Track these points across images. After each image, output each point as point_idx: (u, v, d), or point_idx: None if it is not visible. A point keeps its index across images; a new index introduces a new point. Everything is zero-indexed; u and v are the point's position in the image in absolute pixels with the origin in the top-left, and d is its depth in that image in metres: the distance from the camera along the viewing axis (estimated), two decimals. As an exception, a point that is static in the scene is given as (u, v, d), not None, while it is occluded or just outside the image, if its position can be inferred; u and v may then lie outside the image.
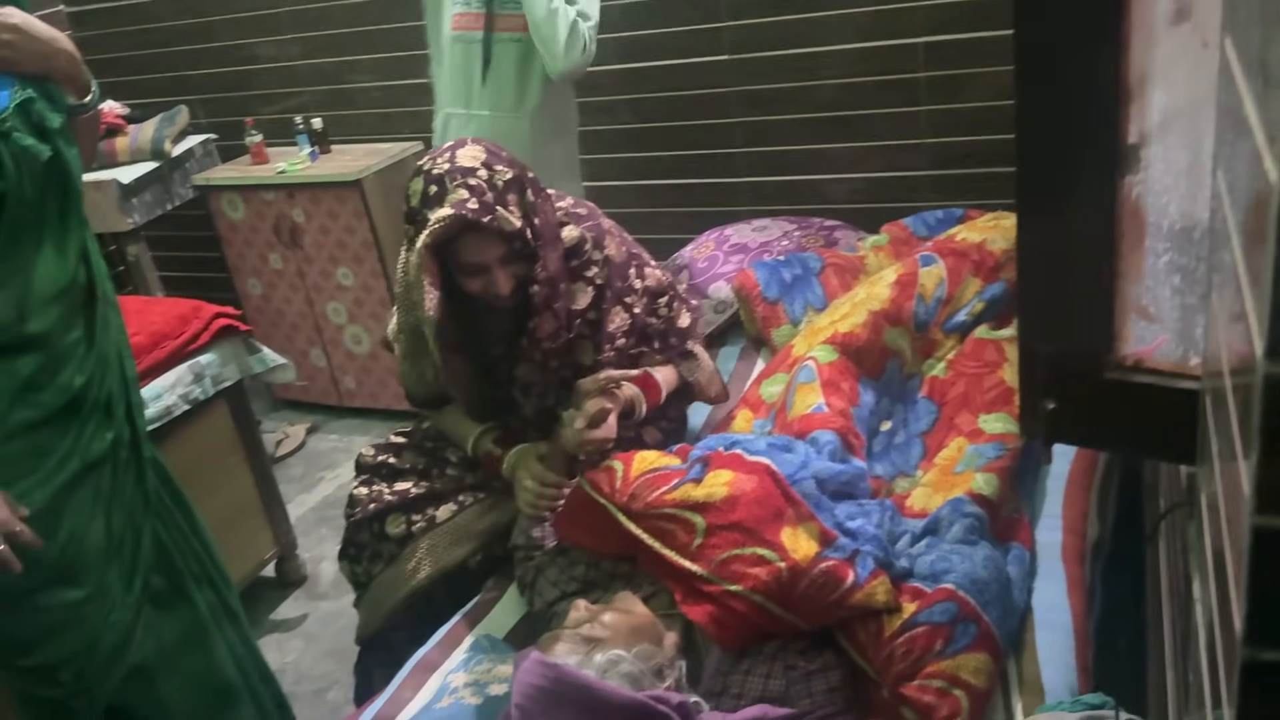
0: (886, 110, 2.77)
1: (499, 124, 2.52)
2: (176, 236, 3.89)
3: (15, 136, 1.34)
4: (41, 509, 1.44)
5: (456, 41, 2.53)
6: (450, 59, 2.56)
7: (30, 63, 1.36)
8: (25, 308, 1.42)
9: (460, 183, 1.57)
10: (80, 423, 1.49)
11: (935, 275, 2.15)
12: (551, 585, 1.66)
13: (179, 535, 1.69)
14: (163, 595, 1.65)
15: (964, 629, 1.38)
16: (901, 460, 1.90)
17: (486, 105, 2.55)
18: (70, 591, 1.49)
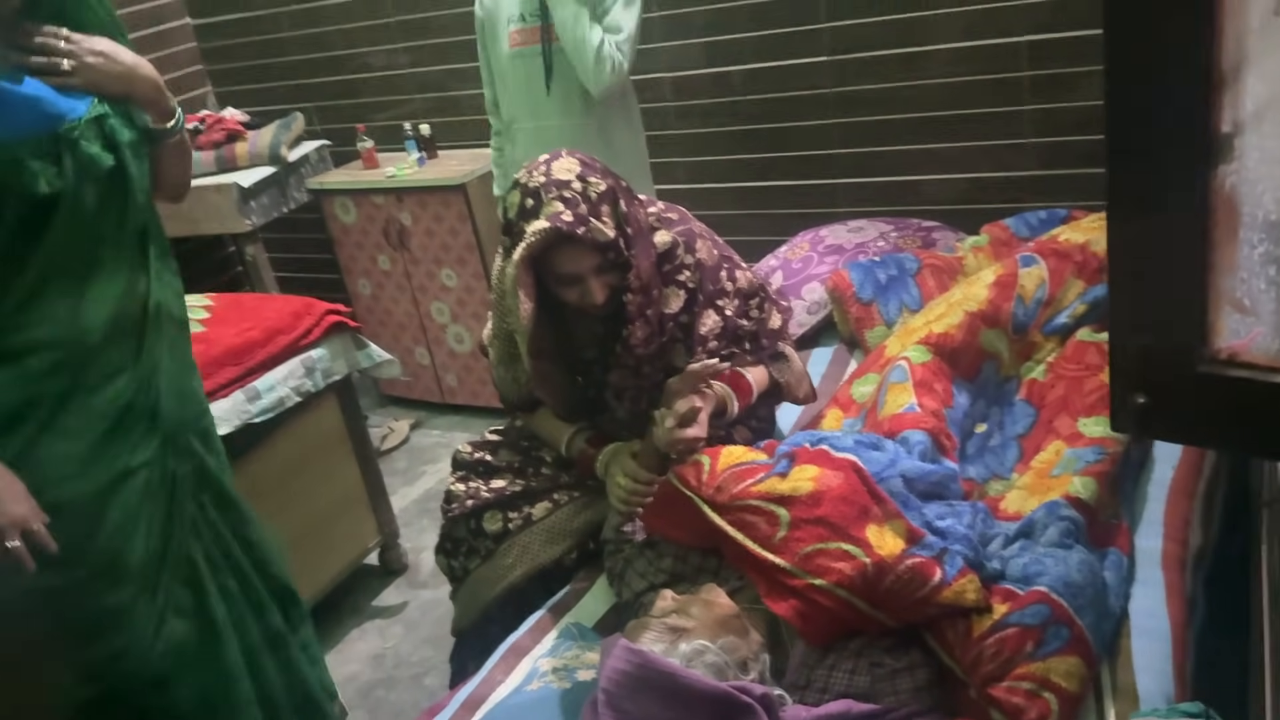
0: (988, 110, 2.73)
1: (567, 131, 2.56)
2: (292, 238, 4.07)
3: (82, 144, 1.43)
4: (85, 508, 1.50)
5: (517, 58, 2.59)
6: (513, 76, 2.62)
7: (112, 85, 1.48)
8: (78, 314, 1.48)
9: (555, 195, 1.61)
10: (126, 429, 1.54)
11: (1036, 276, 2.11)
12: (640, 576, 1.69)
13: (218, 551, 1.70)
14: (187, 612, 1.65)
15: (1056, 632, 1.35)
16: (996, 463, 1.87)
17: (554, 115, 2.60)
18: (112, 591, 1.53)
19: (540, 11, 2.51)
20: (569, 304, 1.72)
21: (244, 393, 2.39)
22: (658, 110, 3.19)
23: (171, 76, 3.96)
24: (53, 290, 1.46)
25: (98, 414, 1.50)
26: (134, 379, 1.55)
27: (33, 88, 1.41)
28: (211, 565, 1.67)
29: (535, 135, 2.62)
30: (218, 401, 2.33)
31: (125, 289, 1.54)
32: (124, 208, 1.52)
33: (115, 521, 1.53)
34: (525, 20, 2.55)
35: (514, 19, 2.57)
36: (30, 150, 1.39)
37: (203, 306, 2.65)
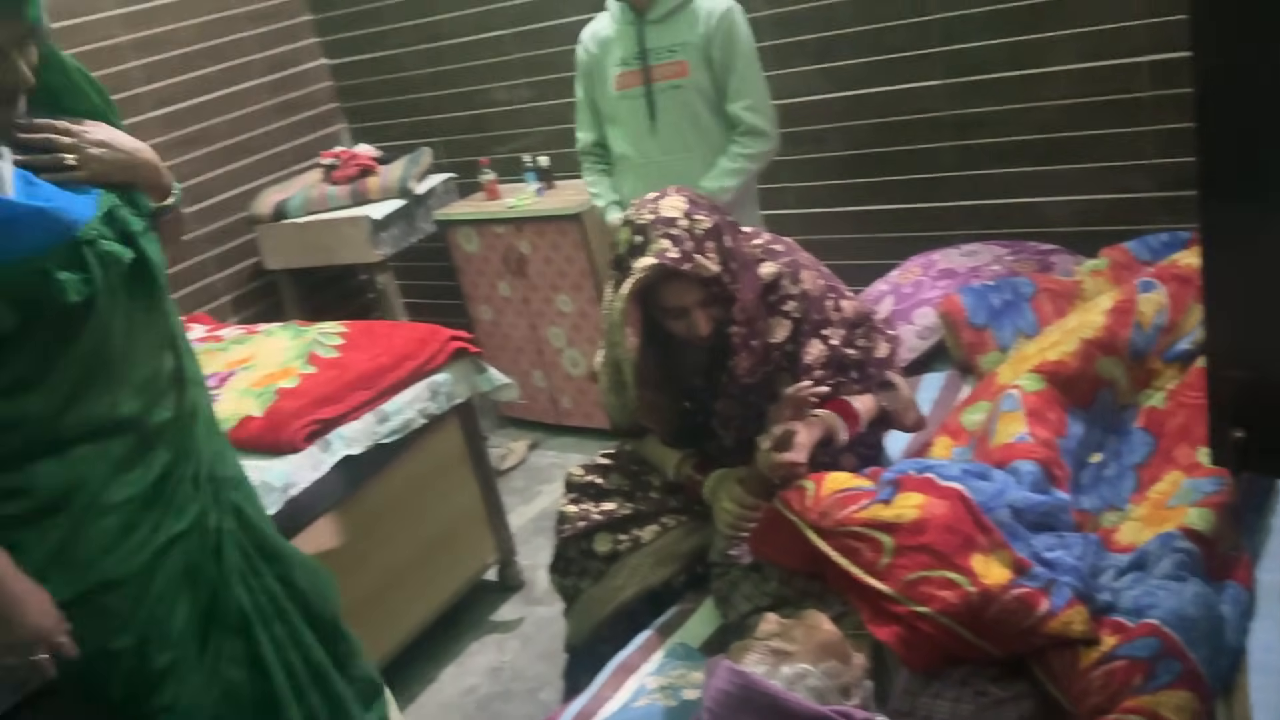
0: (1108, 130, 2.68)
1: (671, 166, 2.63)
2: (418, 266, 4.25)
3: (101, 243, 1.43)
4: (133, 577, 1.51)
5: (624, 99, 2.69)
6: (621, 116, 2.72)
7: (117, 174, 1.47)
8: (118, 395, 1.48)
9: (663, 232, 1.68)
10: (167, 497, 1.55)
11: (1155, 302, 2.06)
12: (745, 599, 1.73)
13: (265, 598, 1.71)
14: (240, 658, 1.67)
15: (1166, 665, 1.33)
16: (1111, 493, 1.84)
17: (658, 151, 2.68)
18: (158, 654, 1.55)
19: (640, 55, 2.62)
20: (675, 334, 1.78)
21: (374, 415, 2.53)
22: (769, 137, 3.23)
23: (308, 115, 4.21)
24: (93, 383, 1.46)
25: (140, 488, 1.52)
26: (171, 448, 1.56)
27: (42, 195, 1.38)
28: (260, 613, 1.70)
29: (644, 170, 2.71)
30: (350, 423, 2.48)
31: (159, 367, 1.56)
32: (150, 293, 1.53)
33: (160, 589, 1.55)
34: (628, 64, 2.66)
35: (617, 63, 2.67)
36: (55, 261, 1.37)
37: (337, 334, 2.81)
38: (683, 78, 2.61)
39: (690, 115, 2.65)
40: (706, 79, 2.62)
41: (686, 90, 2.62)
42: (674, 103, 2.63)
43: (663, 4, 2.59)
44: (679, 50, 2.60)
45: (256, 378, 2.63)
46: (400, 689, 2.72)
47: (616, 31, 2.68)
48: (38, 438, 1.43)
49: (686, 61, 2.60)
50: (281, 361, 2.69)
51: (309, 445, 2.39)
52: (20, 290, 1.35)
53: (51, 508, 1.45)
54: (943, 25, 2.83)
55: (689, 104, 2.63)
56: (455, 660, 2.79)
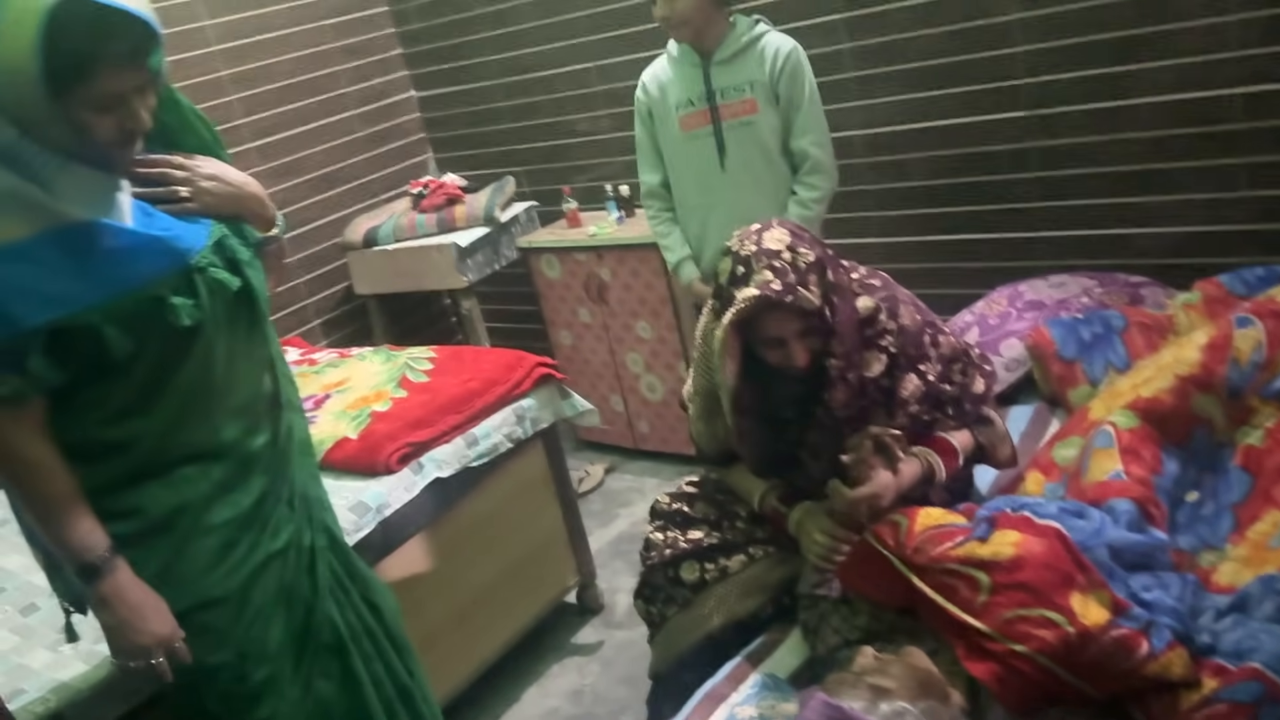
0: (1200, 163, 2.65)
1: (740, 205, 2.65)
2: (501, 291, 4.35)
3: (211, 271, 1.49)
4: (232, 596, 1.57)
5: (690, 140, 2.71)
6: (686, 157, 2.74)
7: (227, 206, 1.54)
8: (219, 420, 1.55)
9: (766, 264, 1.70)
10: (264, 517, 1.61)
11: (1252, 338, 2.03)
12: (834, 632, 1.73)
13: (354, 615, 1.76)
14: (333, 674, 1.72)
15: (1271, 711, 1.31)
16: (1209, 533, 1.81)
17: (728, 189, 2.71)
18: (255, 669, 1.60)
19: (707, 95, 2.65)
20: (771, 364, 1.81)
21: (464, 439, 2.59)
22: (851, 166, 3.24)
23: (398, 145, 4.35)
24: (196, 408, 1.52)
25: (240, 510, 1.57)
26: (269, 471, 1.62)
27: (157, 224, 1.44)
28: (351, 630, 1.75)
29: (712, 211, 2.74)
30: (441, 446, 2.55)
31: (258, 391, 1.62)
32: (252, 320, 1.59)
33: (258, 606, 1.60)
34: (694, 104, 2.68)
35: (682, 104, 2.70)
36: (169, 288, 1.44)
37: (427, 358, 2.89)
38: (752, 115, 2.64)
39: (761, 151, 2.68)
40: (774, 116, 2.65)
41: (757, 127, 2.65)
42: (744, 140, 2.67)
43: (729, 45, 2.64)
44: (746, 89, 2.63)
45: (351, 400, 2.72)
46: (483, 708, 2.77)
47: (679, 73, 2.71)
48: (145, 461, 1.50)
49: (755, 99, 2.63)
50: (374, 385, 2.78)
51: (402, 467, 2.45)
52: (137, 316, 1.42)
53: (158, 528, 1.52)
54: (1026, 57, 2.83)
55: (759, 140, 2.67)
56: (537, 681, 2.83)
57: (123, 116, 1.36)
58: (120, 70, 1.33)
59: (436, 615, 2.53)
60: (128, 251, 1.40)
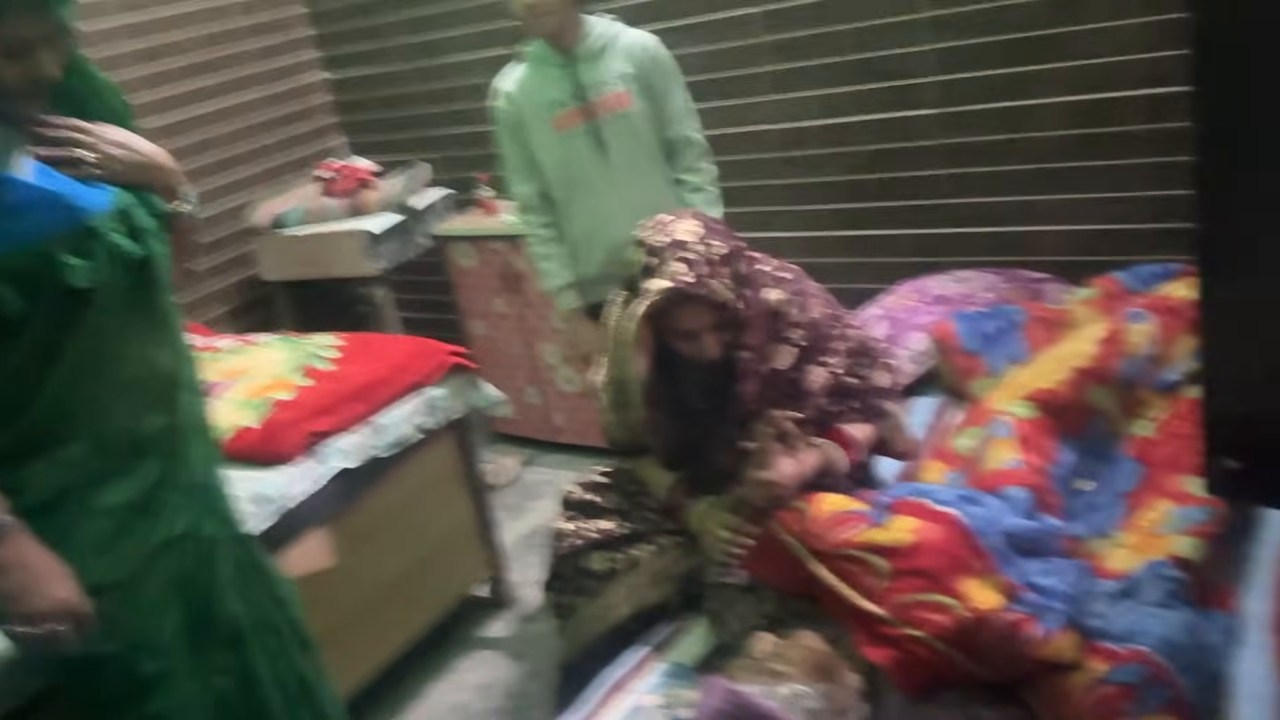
0: (1101, 162, 2.72)
1: (630, 197, 2.59)
2: (415, 281, 4.27)
3: (110, 236, 1.46)
4: (123, 582, 1.51)
5: (566, 141, 2.62)
6: (566, 157, 2.64)
7: (133, 174, 1.50)
8: (111, 396, 1.50)
9: (678, 256, 1.70)
10: (159, 503, 1.55)
11: (1144, 332, 2.10)
12: (739, 619, 1.74)
13: (256, 609, 1.71)
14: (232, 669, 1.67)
15: (1155, 692, 1.35)
16: (1100, 520, 1.86)
17: (616, 184, 2.63)
18: (147, 662, 1.55)
19: (576, 93, 2.58)
20: (682, 356, 1.80)
21: (370, 428, 2.53)
22: (765, 161, 3.27)
23: (307, 128, 4.24)
24: (85, 380, 1.47)
25: (131, 493, 1.52)
26: (164, 453, 1.57)
27: (57, 183, 1.41)
28: (253, 624, 1.70)
29: (596, 210, 2.66)
30: (346, 436, 2.48)
31: (154, 371, 1.57)
32: (152, 294, 1.54)
33: (151, 596, 1.55)
34: (565, 104, 2.59)
35: (553, 106, 2.60)
36: (62, 246, 1.40)
37: (334, 346, 2.82)
38: (627, 107, 2.58)
39: (641, 143, 2.62)
40: (648, 107, 2.60)
41: (633, 119, 2.59)
42: (623, 132, 2.60)
43: (591, 42, 2.57)
44: (618, 83, 2.57)
45: (252, 389, 2.63)
46: (389, 704, 2.71)
47: (544, 76, 2.61)
48: (32, 436, 1.45)
49: (628, 91, 2.58)
50: (277, 373, 2.70)
51: (305, 458, 2.39)
52: (26, 274, 1.37)
53: (43, 508, 1.45)
54: (938, 55, 2.88)
55: (637, 132, 2.61)
56: (445, 676, 2.78)
57: (28, 65, 1.33)
58: (27, 15, 1.30)
59: (340, 609, 2.47)
60: (23, 205, 1.36)
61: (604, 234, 2.65)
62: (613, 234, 2.59)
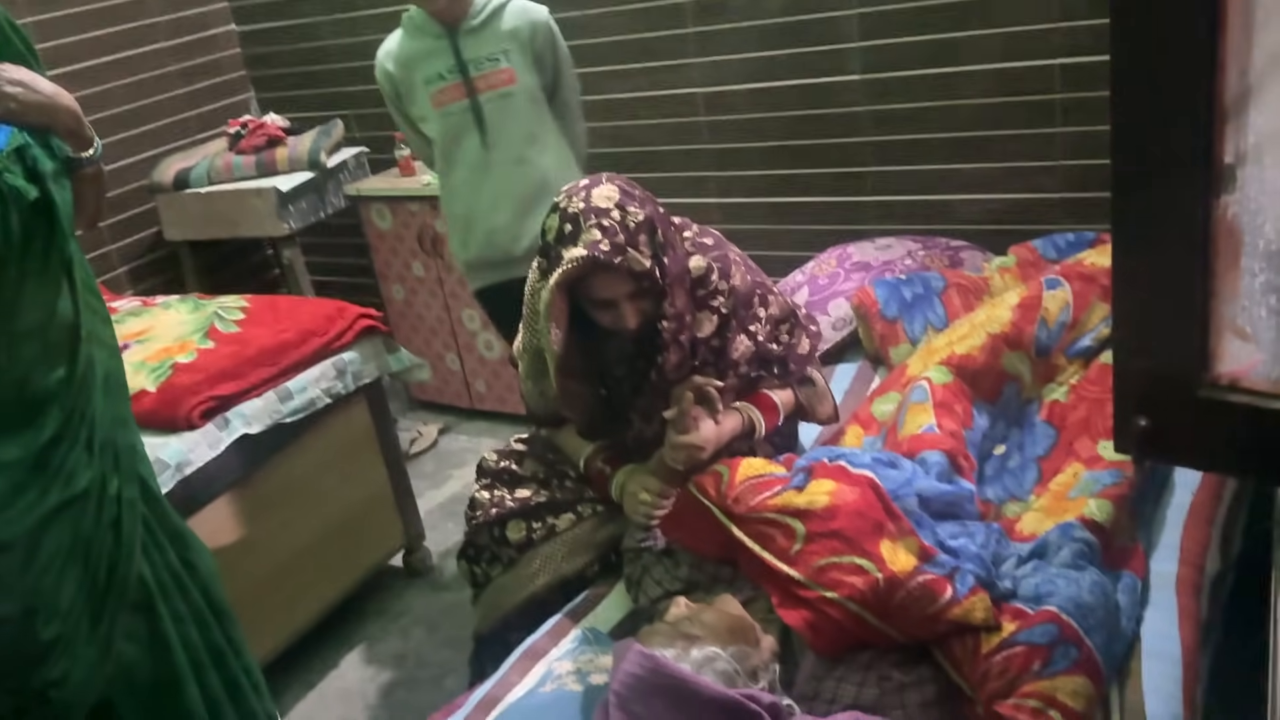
0: (1020, 131, 2.74)
1: (513, 174, 2.50)
2: (329, 243, 4.14)
3: (6, 177, 1.40)
4: (19, 541, 1.45)
5: (443, 118, 2.49)
6: (445, 134, 2.51)
7: (33, 115, 1.44)
8: (4, 346, 1.44)
9: (594, 223, 1.64)
10: (58, 460, 1.49)
11: (1060, 299, 2.11)
12: (656, 584, 1.72)
13: (167, 575, 1.67)
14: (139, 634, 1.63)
15: (1064, 651, 1.36)
16: (1014, 484, 1.88)
17: (496, 163, 2.50)
18: (44, 626, 1.49)
19: (458, 67, 2.44)
20: (601, 325, 1.76)
21: (276, 393, 2.45)
22: (690, 125, 3.23)
23: (215, 82, 4.06)
24: None
25: (28, 449, 1.47)
26: (65, 410, 1.50)
27: None
28: (162, 589, 1.65)
29: (474, 192, 2.54)
30: (250, 401, 2.40)
31: (53, 320, 1.50)
32: (49, 239, 1.48)
33: (48, 557, 1.49)
34: (444, 78, 2.46)
35: (431, 79, 2.47)
36: None
37: (239, 308, 2.71)
38: (511, 86, 2.45)
39: (523, 124, 2.49)
40: (535, 82, 2.48)
41: (516, 99, 2.46)
42: (504, 113, 2.47)
43: (476, 14, 2.43)
44: (501, 58, 2.44)
45: (152, 351, 2.52)
46: (301, 676, 2.65)
47: (423, 47, 2.47)
48: None
49: (512, 68, 2.45)
50: (179, 335, 2.59)
51: (205, 423, 2.31)
52: None
53: None
54: (862, 20, 2.86)
55: (520, 112, 2.48)
56: (358, 647, 2.72)
57: None
58: None
59: (249, 579, 2.39)
60: None
61: (482, 219, 2.55)
62: (490, 220, 2.52)
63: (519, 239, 2.53)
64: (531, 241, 2.43)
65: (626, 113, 3.33)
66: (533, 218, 2.41)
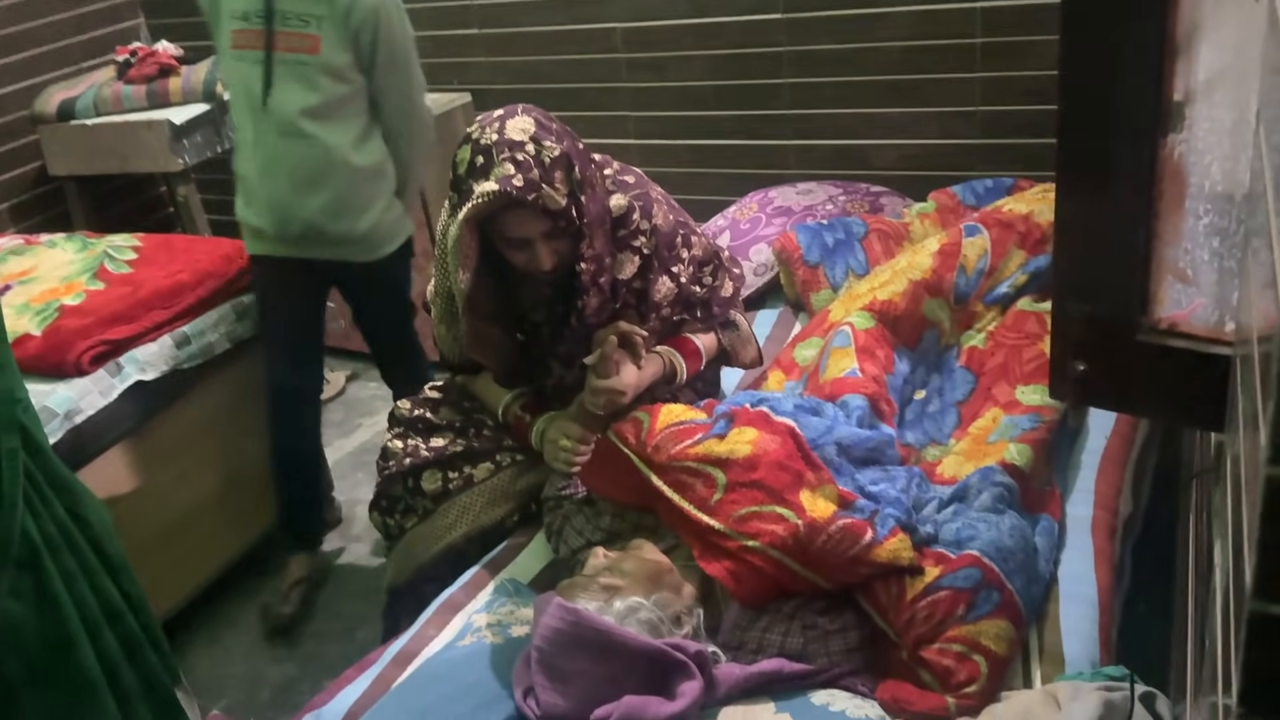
0: (941, 76, 2.72)
1: (280, 148, 2.27)
2: (227, 179, 3.93)
3: None
4: None
5: (238, 60, 2.26)
6: (234, 79, 2.30)
7: None
8: None
9: (508, 156, 1.55)
10: None
11: (979, 246, 2.12)
12: (577, 534, 1.68)
13: (54, 529, 1.61)
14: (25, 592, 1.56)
15: (986, 595, 1.37)
16: (934, 429, 1.89)
17: (271, 130, 2.26)
18: None
19: (265, 14, 2.20)
20: (516, 266, 1.68)
21: (172, 337, 2.33)
22: (608, 61, 3.13)
23: (101, 6, 3.81)
24: None
25: None
26: None
27: None
28: (49, 544, 1.57)
29: (256, 149, 2.30)
30: (144, 346, 2.27)
31: None
32: None
33: None
34: (249, 20, 2.22)
35: (236, 15, 2.24)
36: None
37: (130, 247, 2.56)
38: (312, 56, 2.21)
39: (313, 96, 2.23)
40: (346, 61, 2.23)
41: (312, 72, 2.21)
42: (294, 80, 2.22)
43: None
44: (311, 23, 2.19)
45: (36, 293, 2.37)
46: (204, 632, 2.55)
47: None
48: None
49: (320, 37, 2.20)
50: (65, 276, 2.44)
51: (96, 369, 2.19)
52: None
53: None
54: (786, -42, 2.80)
55: (313, 84, 2.22)
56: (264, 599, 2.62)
57: None
58: None
59: (146, 533, 2.28)
60: None
61: (260, 187, 2.32)
62: (267, 188, 2.29)
63: (290, 220, 2.31)
64: (306, 227, 2.29)
65: (542, 47, 3.22)
66: (312, 196, 2.26)
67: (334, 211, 2.30)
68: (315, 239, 2.33)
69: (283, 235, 2.34)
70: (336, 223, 2.31)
